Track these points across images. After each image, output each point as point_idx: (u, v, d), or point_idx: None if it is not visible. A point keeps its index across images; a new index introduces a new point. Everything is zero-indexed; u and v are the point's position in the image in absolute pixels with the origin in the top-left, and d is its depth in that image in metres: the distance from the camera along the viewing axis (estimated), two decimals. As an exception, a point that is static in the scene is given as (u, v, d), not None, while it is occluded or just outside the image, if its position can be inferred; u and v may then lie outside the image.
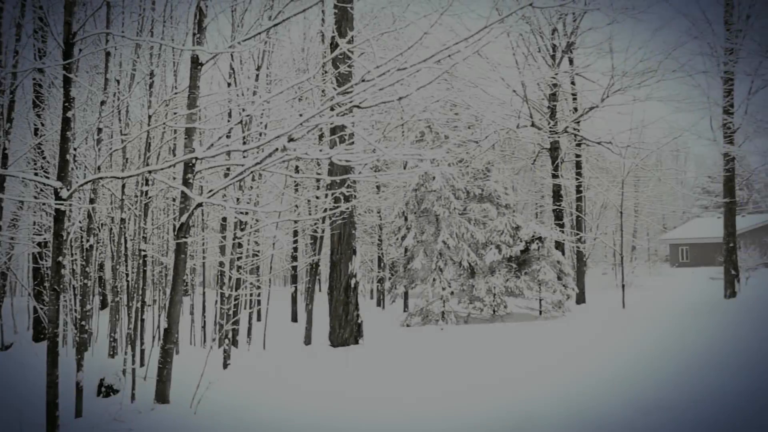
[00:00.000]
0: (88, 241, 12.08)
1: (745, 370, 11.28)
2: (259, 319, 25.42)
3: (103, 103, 10.93)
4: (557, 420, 8.63)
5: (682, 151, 72.67)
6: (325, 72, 18.13)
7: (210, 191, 8.81)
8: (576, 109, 30.39)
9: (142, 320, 12.78)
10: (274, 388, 11.59)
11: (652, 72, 27.74)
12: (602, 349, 14.74)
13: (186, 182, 9.35)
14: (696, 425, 8.09)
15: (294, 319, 30.00)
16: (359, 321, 18.08)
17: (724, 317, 20.43)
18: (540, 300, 24.11)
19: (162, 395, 9.63)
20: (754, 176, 67.69)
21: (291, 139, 6.77)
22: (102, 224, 17.44)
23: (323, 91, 16.16)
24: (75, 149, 10.54)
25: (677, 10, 37.73)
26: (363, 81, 6.44)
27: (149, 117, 12.30)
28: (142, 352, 12.96)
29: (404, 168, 26.48)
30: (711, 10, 31.56)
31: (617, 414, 8.71)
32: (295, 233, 29.06)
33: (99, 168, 10.28)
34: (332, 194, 15.76)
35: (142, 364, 12.70)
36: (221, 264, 15.95)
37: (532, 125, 29.01)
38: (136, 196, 13.64)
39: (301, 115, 10.11)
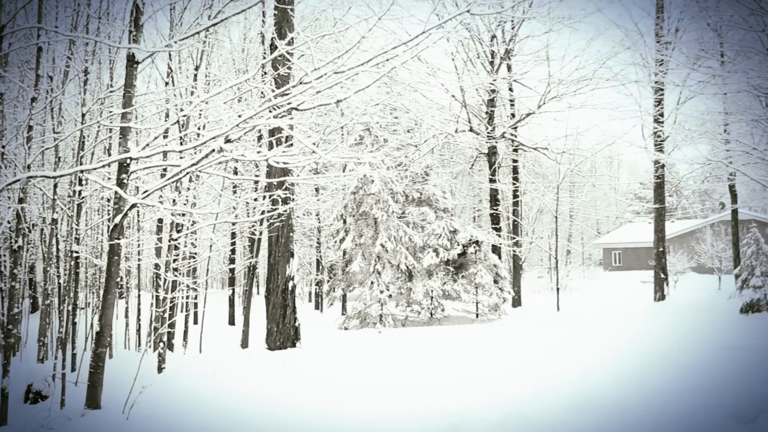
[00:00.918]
0: (16, 242, 11.73)
1: (673, 369, 11.66)
2: (195, 322, 25.07)
3: (34, 99, 10.63)
4: (492, 422, 8.74)
5: (616, 158, 74.65)
6: (265, 73, 18.01)
7: (145, 192, 8.66)
8: (513, 115, 30.89)
9: (74, 324, 12.47)
10: (209, 393, 11.44)
11: (587, 80, 28.43)
12: (537, 352, 15.00)
13: (120, 183, 9.17)
14: (625, 423, 8.33)
15: (231, 322, 29.68)
16: (297, 324, 17.98)
17: (653, 319, 21.04)
18: (477, 303, 24.39)
19: (93, 401, 9.40)
20: (682, 183, 69.85)
21: (228, 141, 6.71)
22: (33, 225, 16.96)
23: (262, 92, 16.05)
24: (3, 147, 10.23)
25: (611, 21, 38.63)
26: (301, 83, 6.43)
27: (83, 115, 12.01)
28: (74, 356, 12.64)
29: (343, 171, 26.49)
30: (643, 23, 32.54)
31: (551, 415, 8.87)
32: (233, 235, 28.76)
33: (29, 167, 10.00)
34: (270, 196, 15.64)
35: (73, 369, 12.39)
36: (157, 266, 15.69)
37: (471, 130, 29.36)
38: (69, 196, 13.31)
39: (239, 116, 10.04)
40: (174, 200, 14.33)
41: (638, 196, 69.55)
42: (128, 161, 9.05)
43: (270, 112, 7.18)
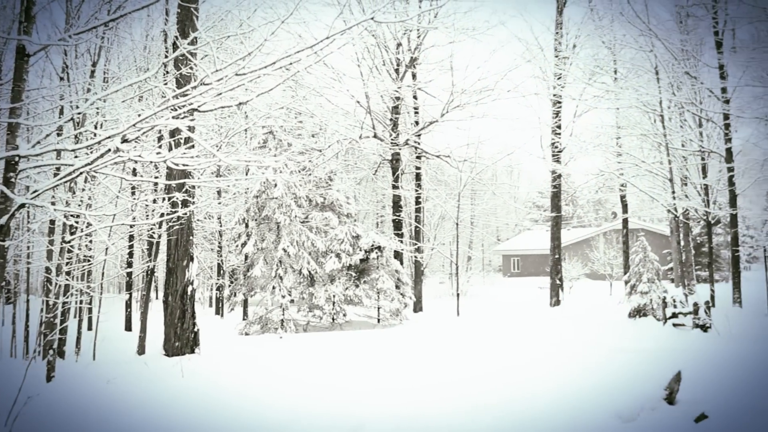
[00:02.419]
0: None
1: (564, 371, 12.06)
2: (90, 328, 24.16)
3: None
4: (392, 426, 8.80)
5: (516, 167, 76.65)
6: (167, 73, 17.58)
7: (35, 192, 8.28)
8: (417, 123, 31.26)
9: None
10: (102, 402, 11.04)
11: (489, 91, 29.09)
12: (436, 356, 15.19)
13: (7, 181, 8.72)
14: (515, 423, 8.56)
15: (128, 327, 28.75)
16: (196, 329, 17.58)
17: (548, 324, 21.67)
18: (378, 308, 24.50)
19: (-26, 411, 8.90)
20: (578, 193, 72.31)
21: (125, 140, 6.49)
22: None
23: (164, 92, 15.67)
24: None
25: (513, 34, 39.79)
26: (202, 84, 6.29)
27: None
28: (-47, 364, 11.96)
29: (246, 174, 26.11)
30: (543, 37, 33.63)
31: (447, 418, 9.00)
32: (131, 238, 27.88)
33: None
34: (169, 199, 15.25)
35: (-48, 378, 11.72)
36: (47, 270, 15.04)
37: (375, 136, 29.53)
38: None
39: (139, 116, 9.74)
40: (67, 201, 13.77)
41: (537, 205, 71.61)
42: (16, 159, 8.63)
43: (172, 112, 6.99)
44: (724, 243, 43.58)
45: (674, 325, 20.23)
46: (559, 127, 30.78)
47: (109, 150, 6.54)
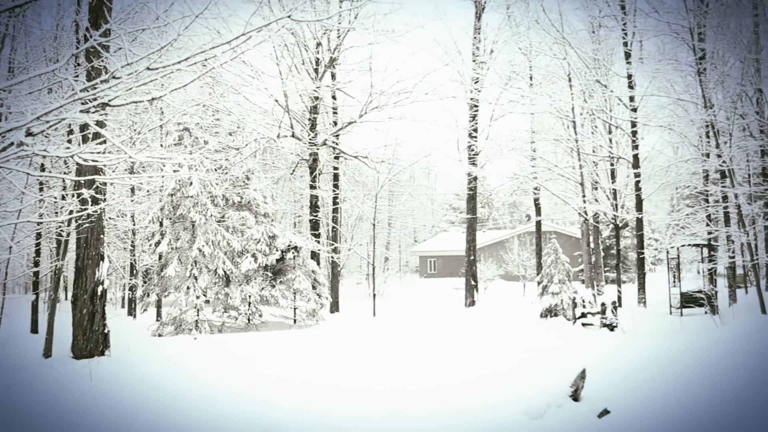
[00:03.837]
0: None
1: (475, 370, 12.31)
2: (-10, 330, 23.11)
3: None
4: (305, 427, 8.79)
5: (433, 169, 77.59)
6: (78, 65, 17.02)
7: (-68, 186, 7.90)
8: (336, 123, 31.27)
9: None
10: (3, 408, 10.61)
11: (408, 93, 29.34)
12: (351, 357, 15.24)
13: None
14: (428, 423, 8.68)
15: (34, 329, 27.67)
16: (106, 331, 17.07)
17: (463, 324, 22.03)
18: (295, 309, 24.37)
19: None
20: (493, 195, 73.77)
21: (30, 134, 6.26)
22: None
23: (73, 85, 15.15)
24: None
25: (433, 38, 40.32)
26: (113, 78, 6.13)
27: None
28: None
29: (162, 171, 25.50)
30: (461, 42, 34.19)
31: (358, 419, 9.05)
32: (39, 236, 26.85)
33: None
34: (78, 196, 14.76)
35: None
36: (-55, 268, 14.35)
37: (293, 136, 29.38)
38: None
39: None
40: (-33, 197, 13.18)
41: (453, 207, 72.62)
42: None
43: (81, 105, 6.77)
44: (631, 245, 45.23)
45: (583, 324, 20.89)
46: (475, 130, 31.31)
47: (12, 143, 6.29)
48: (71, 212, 15.52)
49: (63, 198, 17.97)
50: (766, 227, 23.59)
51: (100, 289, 16.99)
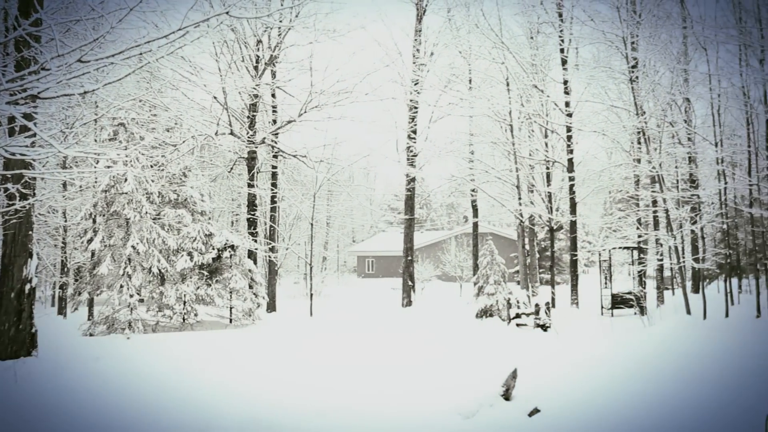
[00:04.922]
0: None
1: (408, 370, 12.39)
2: None
3: None
4: (235, 423, 8.72)
5: (372, 170, 77.67)
6: (7, 55, 16.48)
7: None
8: (275, 121, 31.06)
9: None
10: None
11: (348, 93, 29.33)
12: (286, 357, 15.18)
13: None
14: (362, 424, 8.72)
15: (-45, 328, 26.68)
16: (33, 330, 16.57)
17: (399, 324, 22.14)
18: (231, 308, 24.11)
19: None
20: (431, 196, 74.33)
21: (-46, 126, 6.03)
22: None
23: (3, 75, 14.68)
24: None
25: (374, 38, 40.37)
26: (42, 69, 5.95)
27: None
28: None
29: (95, 167, 24.90)
30: (402, 43, 34.32)
31: (289, 418, 9.04)
32: (-38, 232, 25.94)
33: None
34: (5, 191, 14.31)
35: None
36: None
37: (231, 133, 29.05)
38: None
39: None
40: None
41: (392, 207, 72.95)
42: None
43: (11, 96, 6.55)
44: (565, 247, 46.12)
45: (517, 325, 21.23)
46: (414, 131, 31.51)
47: (-64, 135, 6.05)
48: (-2, 208, 15.04)
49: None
50: (692, 231, 24.38)
51: (28, 287, 16.50)
